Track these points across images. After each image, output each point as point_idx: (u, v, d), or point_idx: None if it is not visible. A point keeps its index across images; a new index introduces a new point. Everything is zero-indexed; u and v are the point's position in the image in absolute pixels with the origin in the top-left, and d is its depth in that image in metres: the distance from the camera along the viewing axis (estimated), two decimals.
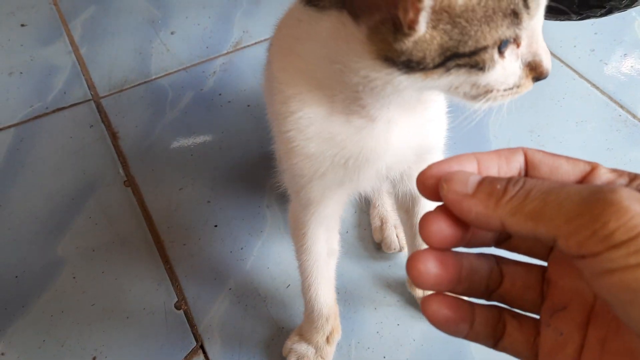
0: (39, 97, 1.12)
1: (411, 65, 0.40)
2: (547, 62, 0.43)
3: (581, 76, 1.13)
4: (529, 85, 0.44)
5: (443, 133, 0.60)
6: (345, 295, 0.84)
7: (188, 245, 0.90)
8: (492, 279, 0.38)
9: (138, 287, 0.86)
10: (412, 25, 0.38)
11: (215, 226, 0.92)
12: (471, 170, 0.35)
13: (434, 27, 0.38)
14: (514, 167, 0.36)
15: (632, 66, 1.15)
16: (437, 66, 0.40)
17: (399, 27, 0.38)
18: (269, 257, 0.89)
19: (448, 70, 0.40)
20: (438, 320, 0.37)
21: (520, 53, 0.43)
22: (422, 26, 0.38)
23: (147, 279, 0.87)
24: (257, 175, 0.97)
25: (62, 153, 1.03)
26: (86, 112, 1.09)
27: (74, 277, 0.87)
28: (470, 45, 0.39)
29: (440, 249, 0.36)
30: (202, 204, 0.95)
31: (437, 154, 0.62)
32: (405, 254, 0.87)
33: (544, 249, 0.38)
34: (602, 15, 0.97)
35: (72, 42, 1.23)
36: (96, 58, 1.20)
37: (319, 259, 0.70)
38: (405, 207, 0.74)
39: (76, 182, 0.98)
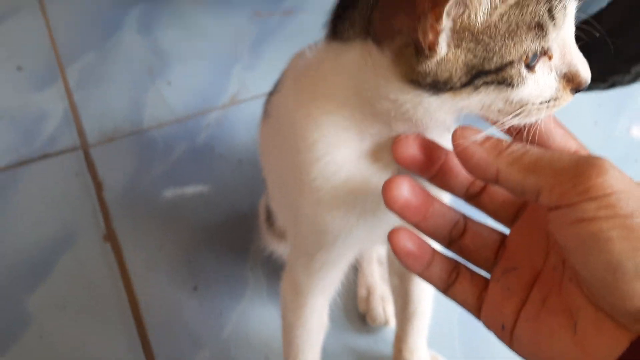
0: (26, 143, 1.10)
1: (438, 86, 0.40)
2: (584, 71, 0.42)
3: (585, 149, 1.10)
4: (568, 97, 0.43)
5: None
6: None
7: (164, 308, 0.86)
8: (456, 229, 0.44)
9: (107, 351, 0.81)
10: (432, 47, 0.38)
11: (195, 288, 0.88)
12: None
13: (457, 46, 0.38)
14: None
15: (636, 140, 1.12)
16: (464, 85, 0.39)
17: (421, 50, 0.38)
18: (248, 324, 0.84)
19: (477, 88, 0.40)
20: (401, 251, 0.42)
21: (553, 65, 0.41)
22: (443, 47, 0.38)
23: (118, 343, 0.82)
24: (243, 235, 0.94)
25: (43, 202, 0.99)
26: (73, 160, 1.07)
27: (41, 337, 0.82)
28: (495, 62, 0.38)
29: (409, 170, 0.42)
30: (183, 263, 0.91)
31: None
32: (392, 329, 0.82)
33: (508, 213, 0.43)
34: (605, 88, 0.95)
35: (67, 88, 1.21)
36: (89, 105, 1.18)
37: (312, 335, 0.65)
38: (399, 272, 0.70)
39: (54, 234, 0.95)
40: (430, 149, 0.43)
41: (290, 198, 0.56)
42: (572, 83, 0.42)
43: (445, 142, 0.49)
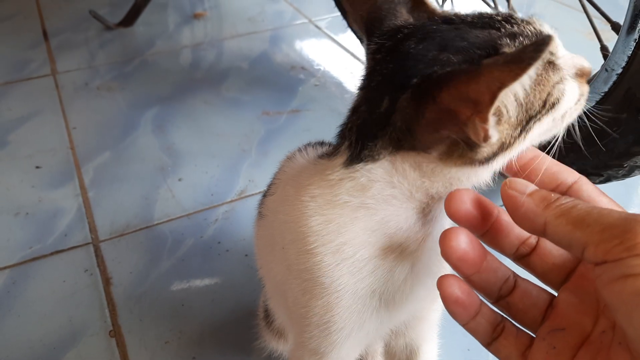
0: (39, 239, 1.12)
1: (497, 153, 0.43)
2: (584, 62, 0.48)
3: None
4: (586, 88, 0.48)
5: None
6: None
7: None
8: (506, 286, 0.43)
9: None
10: (486, 140, 0.41)
11: None
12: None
13: (499, 123, 0.42)
14: (559, 178, 0.43)
15: None
16: (517, 137, 0.43)
17: (473, 144, 0.41)
18: None
19: (529, 130, 0.44)
20: (450, 298, 0.42)
21: (567, 74, 0.46)
22: (495, 135, 0.41)
23: None
24: (247, 331, 0.93)
25: (52, 298, 1.00)
26: (83, 256, 1.09)
27: None
28: (538, 105, 0.43)
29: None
30: None
31: None
32: None
33: (558, 276, 0.43)
34: (600, 182, 0.98)
35: (82, 186, 1.26)
36: (102, 202, 1.22)
37: None
38: None
39: (61, 330, 0.95)
40: (482, 205, 0.44)
41: (294, 299, 0.56)
42: (582, 76, 0.48)
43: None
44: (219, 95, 1.60)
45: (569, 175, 0.44)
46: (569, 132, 0.48)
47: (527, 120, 0.43)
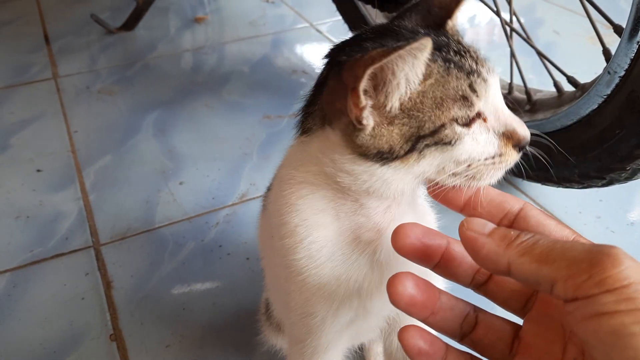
0: (40, 242, 1.12)
1: (384, 156, 0.45)
2: (520, 129, 0.47)
3: None
4: (513, 154, 0.47)
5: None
6: None
7: None
8: (467, 322, 0.42)
9: None
10: (359, 121, 0.44)
11: None
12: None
13: (390, 124, 0.44)
14: (505, 208, 0.42)
15: (639, 235, 1.13)
16: (408, 152, 0.45)
17: (355, 125, 0.45)
18: None
19: (420, 152, 0.45)
20: (413, 350, 0.41)
21: (490, 126, 0.47)
22: (370, 121, 0.44)
23: None
24: (249, 334, 0.93)
25: (52, 302, 1.00)
26: (84, 259, 1.09)
27: None
28: (428, 127, 0.44)
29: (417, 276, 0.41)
30: None
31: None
32: None
33: (518, 302, 0.42)
34: (603, 185, 0.97)
35: (83, 189, 1.26)
36: (104, 205, 1.22)
37: None
38: None
39: (61, 333, 0.94)
40: (430, 236, 0.43)
41: (280, 285, 0.59)
42: (512, 140, 0.47)
43: (416, 217, 0.54)
44: (220, 99, 1.60)
45: (514, 203, 0.43)
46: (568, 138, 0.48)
47: (416, 138, 0.44)
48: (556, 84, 1.06)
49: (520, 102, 1.12)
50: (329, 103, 0.47)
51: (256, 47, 1.88)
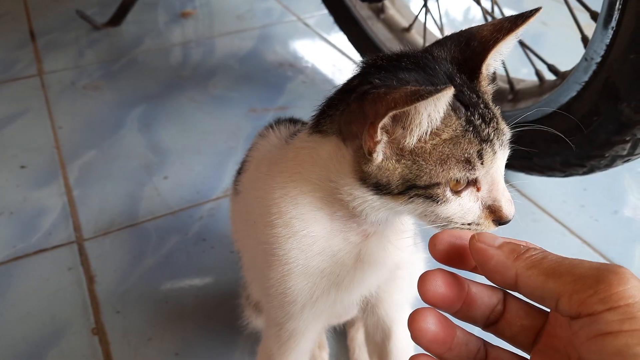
0: (23, 238, 1.12)
1: (379, 187, 0.47)
2: (507, 208, 0.48)
3: (572, 232, 1.11)
4: (489, 226, 0.49)
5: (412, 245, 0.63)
6: None
7: None
8: (478, 357, 0.43)
9: None
10: (371, 153, 0.45)
11: None
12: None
13: (397, 161, 0.46)
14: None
15: (623, 223, 1.13)
16: (400, 193, 0.46)
17: (367, 154, 0.46)
18: None
19: (410, 197, 0.46)
20: None
21: (480, 196, 0.48)
22: (380, 155, 0.45)
23: None
24: (231, 328, 0.93)
25: (34, 297, 1.00)
26: (67, 254, 1.08)
27: None
28: (425, 180, 0.45)
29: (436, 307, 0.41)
30: (170, 357, 0.90)
31: (408, 268, 0.65)
32: None
33: (527, 338, 0.42)
34: (584, 173, 0.98)
35: (67, 185, 1.26)
36: (87, 200, 1.21)
37: None
38: (377, 348, 0.71)
39: (43, 328, 0.94)
40: (455, 282, 0.42)
41: (259, 268, 0.60)
42: (494, 215, 0.48)
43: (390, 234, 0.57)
44: (206, 92, 1.60)
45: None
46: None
47: (411, 184, 0.46)
48: (537, 73, 1.06)
49: (503, 92, 1.12)
50: (347, 123, 0.48)
51: (243, 40, 1.87)
